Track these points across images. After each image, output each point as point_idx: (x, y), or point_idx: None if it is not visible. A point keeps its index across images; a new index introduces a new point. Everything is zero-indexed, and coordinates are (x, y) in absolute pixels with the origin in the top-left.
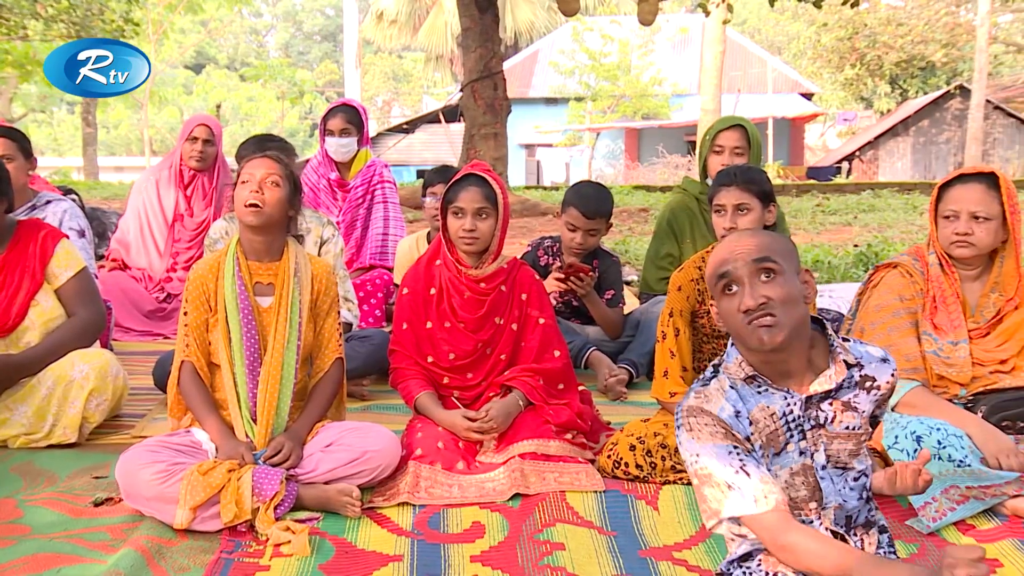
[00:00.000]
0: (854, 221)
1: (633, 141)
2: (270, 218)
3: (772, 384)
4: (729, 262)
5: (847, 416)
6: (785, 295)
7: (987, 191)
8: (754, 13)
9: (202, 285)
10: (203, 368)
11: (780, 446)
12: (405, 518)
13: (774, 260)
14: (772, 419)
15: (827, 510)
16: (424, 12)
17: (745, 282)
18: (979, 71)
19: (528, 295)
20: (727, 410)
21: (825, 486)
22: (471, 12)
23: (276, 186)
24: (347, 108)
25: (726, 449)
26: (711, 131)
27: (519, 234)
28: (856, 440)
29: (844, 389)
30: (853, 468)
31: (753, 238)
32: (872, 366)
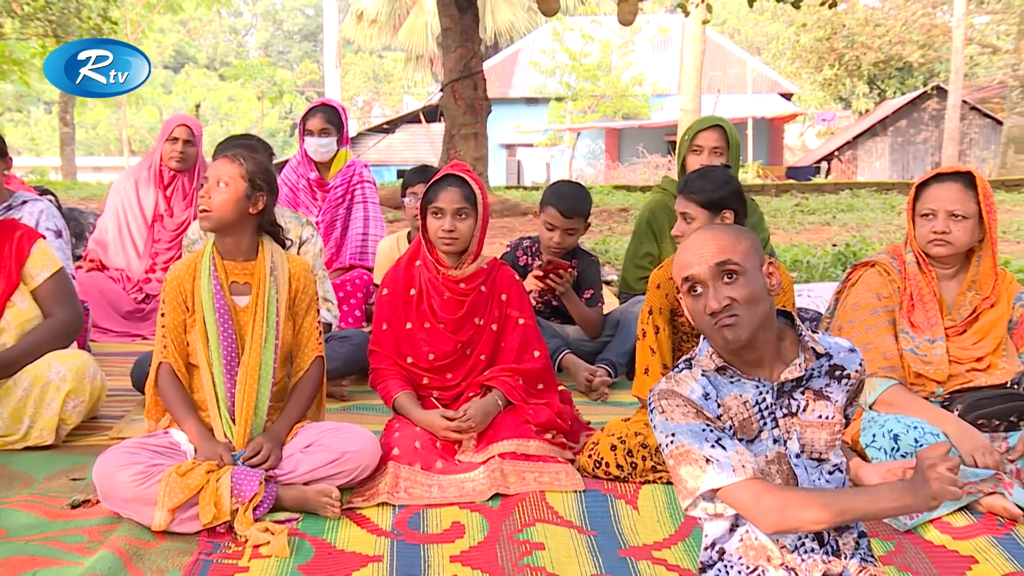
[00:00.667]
0: (833, 221)
1: (613, 141)
2: (219, 220)
3: (743, 374)
4: (693, 265)
5: (819, 405)
6: (748, 295)
7: (964, 190)
8: (733, 13)
9: (179, 286)
10: (181, 369)
11: (754, 433)
12: (385, 518)
13: (735, 262)
14: (745, 407)
15: None
16: (404, 12)
17: (709, 285)
18: (955, 72)
19: (508, 295)
20: (696, 391)
21: (800, 473)
22: (451, 12)
23: (225, 187)
24: (326, 108)
25: (699, 427)
26: (690, 131)
27: (499, 234)
28: (830, 430)
29: (815, 378)
30: (828, 460)
31: (714, 240)
32: (840, 355)
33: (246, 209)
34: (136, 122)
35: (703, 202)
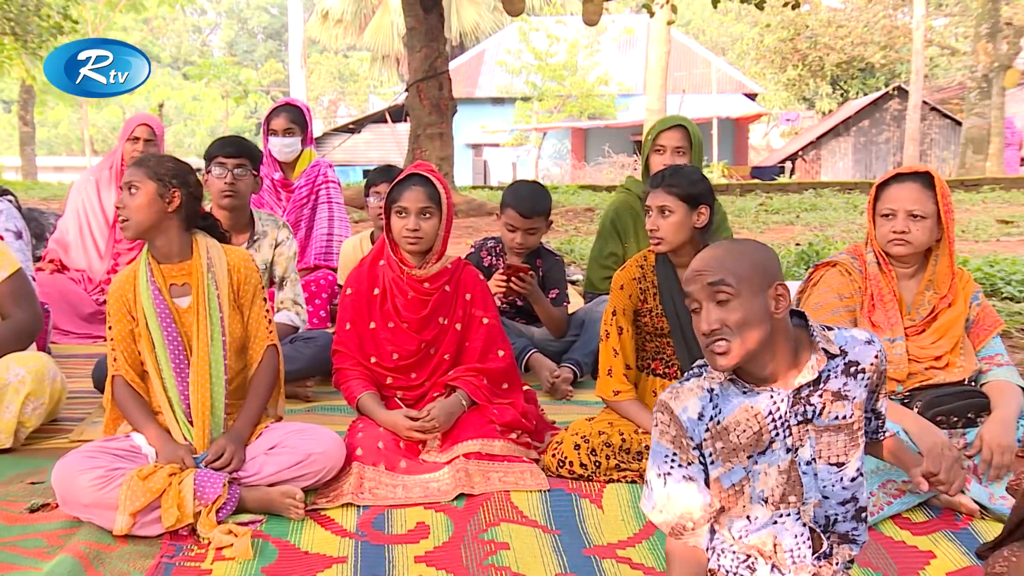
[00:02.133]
0: (796, 220)
1: (579, 141)
2: (140, 226)
3: (755, 387)
4: (691, 282)
5: (837, 406)
6: (739, 319)
7: (923, 190)
8: (698, 14)
9: (121, 296)
10: (135, 379)
11: (764, 445)
12: (349, 519)
13: (728, 284)
14: (756, 419)
15: (807, 506)
16: (370, 12)
17: (702, 304)
18: (916, 73)
19: (472, 295)
20: (691, 410)
21: (806, 481)
22: (416, 12)
23: (136, 192)
24: (291, 108)
25: (663, 452)
26: (653, 131)
27: (465, 234)
28: (849, 431)
29: (832, 379)
30: (849, 465)
31: (715, 258)
32: (856, 350)
33: (163, 209)
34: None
35: (683, 195)
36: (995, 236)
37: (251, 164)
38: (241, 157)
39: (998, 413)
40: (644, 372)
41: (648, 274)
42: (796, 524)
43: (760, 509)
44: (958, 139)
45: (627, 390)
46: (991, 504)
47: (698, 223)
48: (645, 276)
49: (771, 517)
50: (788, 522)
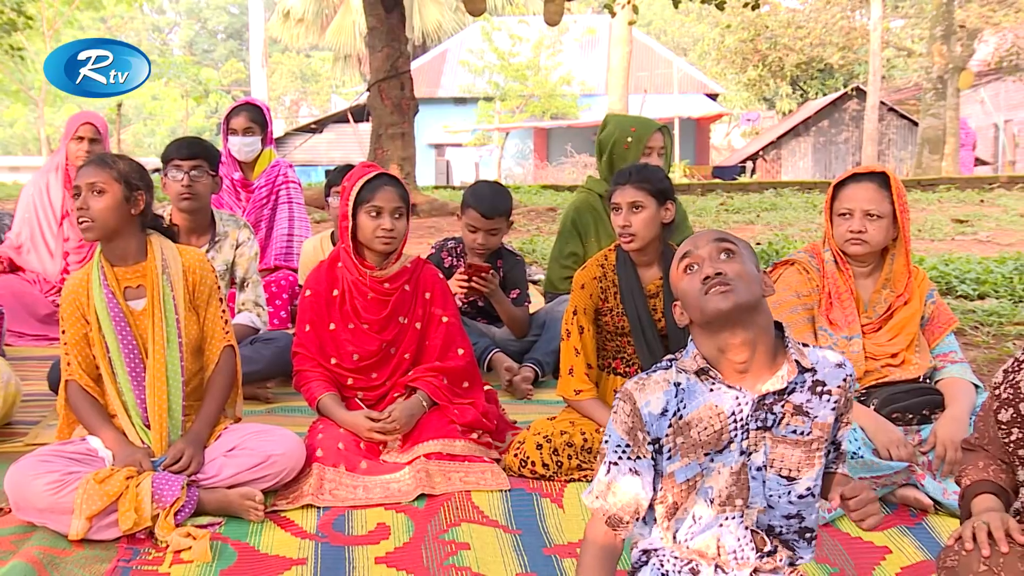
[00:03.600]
0: (757, 220)
1: (542, 141)
2: (104, 229)
3: (724, 382)
4: (691, 244)
5: (796, 420)
6: (742, 270)
7: (879, 190)
8: (659, 15)
9: (75, 300)
10: (90, 384)
11: (723, 444)
12: (309, 521)
13: (733, 243)
14: (719, 418)
15: (751, 510)
16: (331, 11)
17: (705, 258)
18: (873, 74)
19: (432, 294)
20: (653, 405)
21: (754, 486)
22: (377, 11)
23: (101, 194)
24: (250, 107)
25: (617, 441)
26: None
27: (427, 234)
28: (805, 448)
29: (797, 392)
30: (800, 480)
31: (716, 230)
32: (826, 371)
33: (128, 212)
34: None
35: (653, 191)
36: (950, 235)
37: (208, 165)
38: (198, 159)
39: (951, 410)
40: (605, 371)
41: (609, 273)
42: (739, 527)
43: (705, 509)
44: (915, 139)
45: (588, 389)
46: (944, 499)
47: (665, 219)
48: (606, 275)
49: (715, 518)
50: (731, 525)
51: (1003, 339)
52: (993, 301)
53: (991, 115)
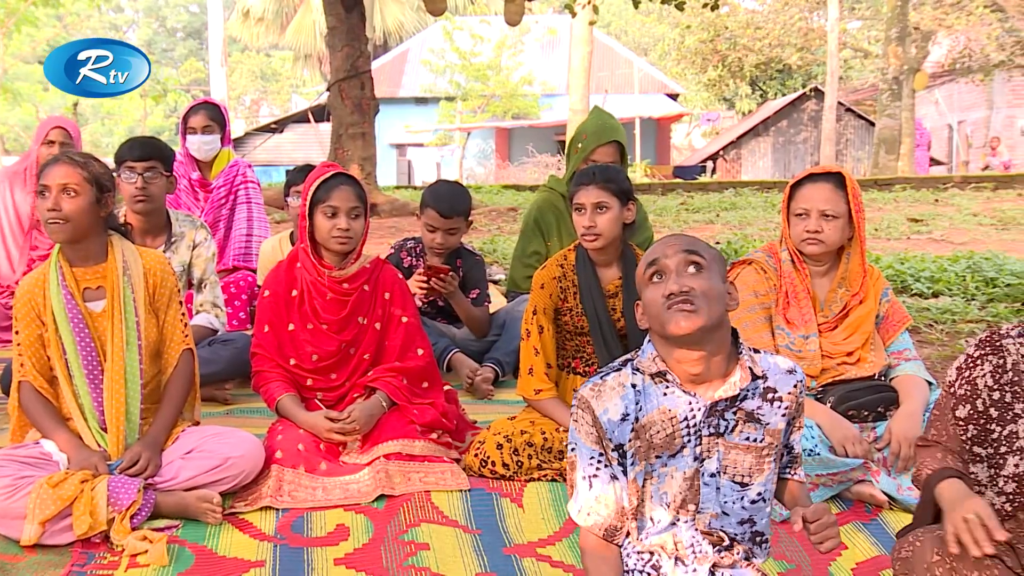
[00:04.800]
0: (716, 219)
1: (503, 141)
2: (76, 230)
3: (680, 386)
4: (659, 251)
5: (748, 427)
6: (708, 288)
7: (835, 190)
8: (619, 15)
9: (30, 301)
10: (43, 386)
11: (675, 449)
12: (268, 523)
13: (702, 255)
14: (671, 422)
15: (702, 515)
16: (292, 10)
17: (672, 270)
18: (831, 74)
19: (391, 294)
20: (612, 412)
21: (705, 492)
22: (337, 11)
23: (75, 195)
24: (208, 106)
25: (589, 453)
26: (586, 141)
27: (388, 234)
28: (757, 454)
29: (749, 399)
30: (752, 486)
31: (687, 237)
32: (776, 378)
33: (98, 213)
34: (10, 119)
35: (616, 191)
36: (906, 234)
37: (163, 166)
38: (151, 160)
39: (906, 407)
40: (565, 370)
41: (568, 273)
42: (691, 529)
43: (662, 513)
44: (872, 139)
45: (548, 388)
46: (899, 495)
47: (628, 219)
48: (565, 275)
49: (670, 520)
50: (685, 527)
51: (956, 336)
52: (947, 299)
53: (945, 116)
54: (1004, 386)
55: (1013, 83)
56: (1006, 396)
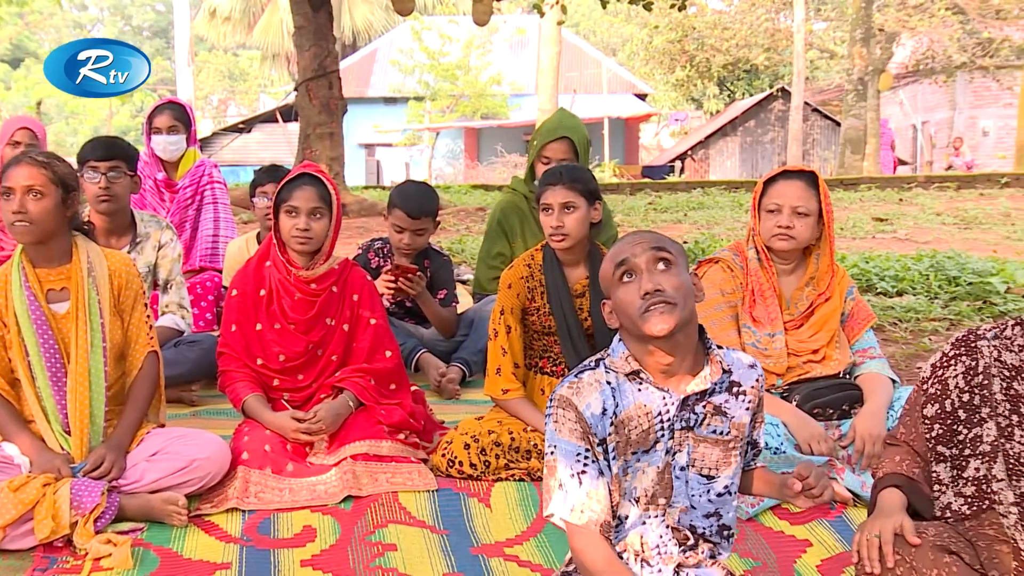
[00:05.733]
0: (684, 219)
1: (472, 140)
2: (43, 231)
3: (653, 383)
4: (627, 250)
5: (716, 420)
6: (679, 284)
7: (807, 188)
8: (588, 15)
9: None
10: (5, 389)
11: (650, 444)
12: (234, 525)
13: (670, 252)
14: (647, 417)
15: (673, 509)
16: (259, 9)
17: (643, 269)
18: (797, 75)
19: (360, 295)
20: (594, 407)
21: (677, 486)
22: (304, 10)
23: (41, 196)
24: (174, 105)
25: (575, 450)
26: (539, 137)
27: (356, 234)
28: (723, 447)
29: (717, 393)
30: (718, 479)
31: (651, 234)
32: (740, 372)
33: (64, 214)
34: None
35: (584, 191)
36: (871, 233)
37: (126, 165)
38: (115, 159)
39: (870, 405)
40: (532, 370)
41: (536, 273)
42: (661, 526)
43: (631, 508)
44: (838, 139)
45: (516, 388)
46: (863, 492)
47: (594, 219)
48: (532, 275)
49: (639, 517)
50: (655, 523)
51: (920, 335)
52: (911, 298)
53: (910, 116)
54: (974, 388)
55: (975, 84)
56: (975, 399)
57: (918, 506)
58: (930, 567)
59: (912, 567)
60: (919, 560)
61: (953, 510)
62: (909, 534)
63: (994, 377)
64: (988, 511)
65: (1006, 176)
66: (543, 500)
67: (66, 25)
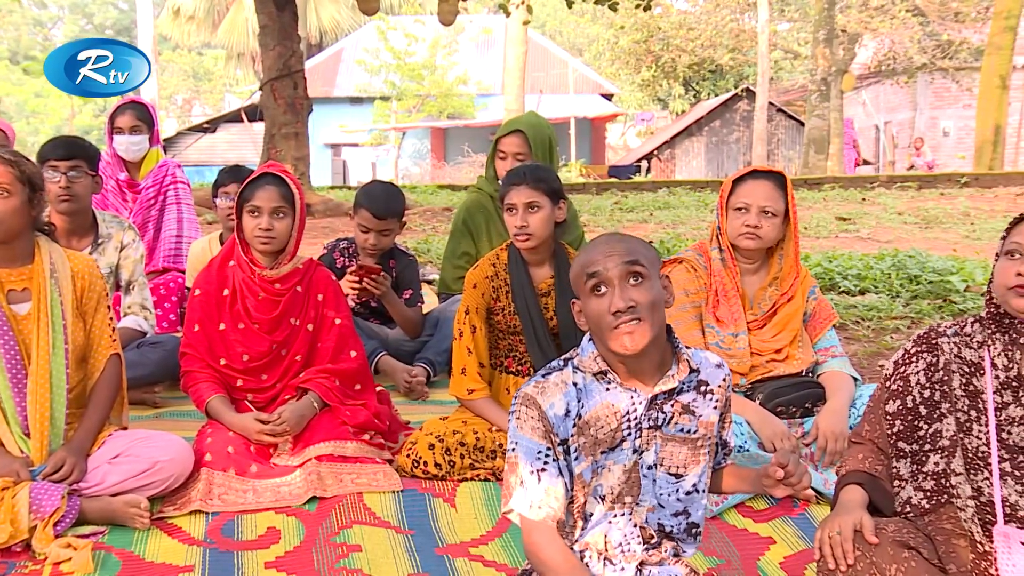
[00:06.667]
0: (650, 218)
1: (439, 140)
2: (8, 231)
3: (621, 382)
4: (600, 263)
5: (684, 419)
6: (652, 299)
7: (775, 189)
8: (554, 15)
9: None
10: None
11: (616, 443)
12: (197, 527)
13: (642, 264)
14: (615, 416)
15: (640, 507)
16: (224, 8)
17: (615, 283)
18: (762, 75)
19: (324, 295)
20: (557, 407)
21: (645, 484)
22: (268, 9)
23: (8, 195)
24: (136, 105)
25: (536, 448)
26: (496, 136)
27: (322, 235)
28: (691, 446)
29: (685, 392)
30: (686, 478)
31: (622, 242)
32: (707, 371)
33: (30, 214)
34: None
35: (548, 191)
36: (834, 232)
37: (87, 165)
38: (75, 159)
39: (832, 403)
40: (497, 370)
41: (501, 272)
42: (628, 524)
43: (596, 506)
44: (803, 139)
45: (481, 388)
46: (825, 489)
47: (559, 218)
48: (498, 274)
49: (604, 515)
50: (620, 521)
51: (882, 333)
52: (873, 296)
53: (872, 116)
54: (935, 384)
55: (935, 85)
56: (935, 394)
57: (879, 503)
58: (890, 562)
59: (872, 563)
60: (879, 556)
61: (913, 505)
62: (868, 531)
63: (954, 373)
64: (946, 505)
65: (965, 176)
66: (503, 496)
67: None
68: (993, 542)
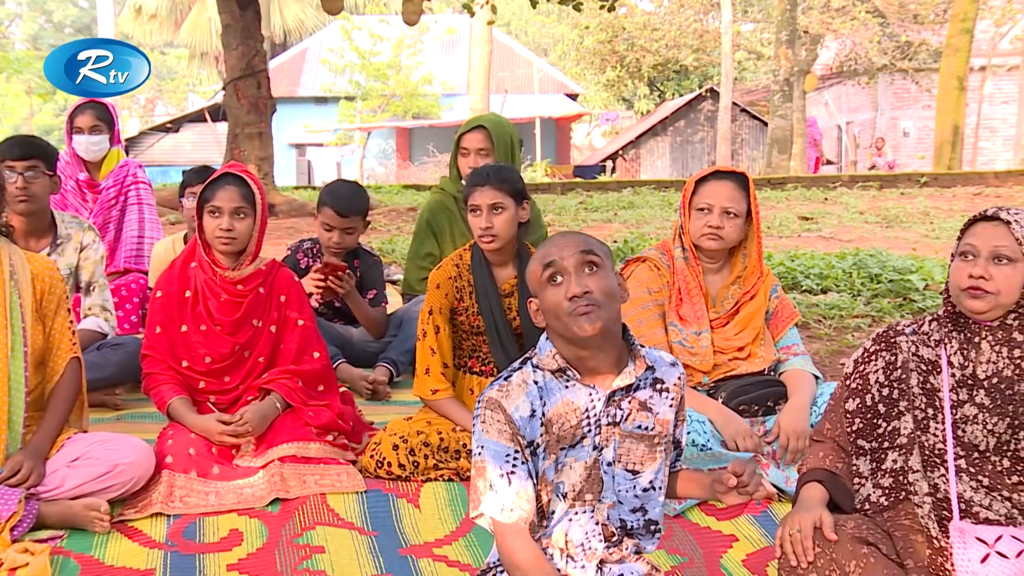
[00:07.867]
0: (615, 218)
1: (404, 140)
2: None
3: (580, 380)
4: (555, 253)
5: (641, 415)
6: (606, 288)
7: (738, 190)
8: (518, 15)
9: None
10: None
11: (576, 439)
12: (158, 530)
13: (597, 255)
14: (575, 413)
15: (602, 504)
16: (186, 7)
17: (571, 272)
18: (726, 75)
19: (287, 296)
20: (522, 410)
21: (606, 481)
22: (231, 8)
23: None
24: (96, 105)
25: (504, 451)
26: (459, 134)
27: (286, 235)
28: (648, 443)
29: (641, 389)
30: (643, 474)
31: (578, 236)
32: (663, 369)
33: None
34: None
35: (511, 191)
36: (796, 232)
37: (45, 165)
38: (32, 158)
39: (793, 401)
40: (461, 370)
41: (464, 273)
42: (589, 521)
43: (559, 504)
44: (766, 139)
45: (445, 388)
46: (787, 487)
47: (523, 218)
48: (461, 275)
49: (565, 513)
50: (582, 519)
51: (844, 331)
52: (835, 295)
53: (835, 117)
54: (893, 382)
55: (895, 86)
56: (894, 392)
57: (839, 500)
58: (849, 559)
59: (832, 559)
60: (839, 552)
61: (872, 502)
62: (827, 529)
63: (912, 371)
64: (904, 502)
65: (925, 176)
66: (471, 501)
67: None
68: (949, 538)
